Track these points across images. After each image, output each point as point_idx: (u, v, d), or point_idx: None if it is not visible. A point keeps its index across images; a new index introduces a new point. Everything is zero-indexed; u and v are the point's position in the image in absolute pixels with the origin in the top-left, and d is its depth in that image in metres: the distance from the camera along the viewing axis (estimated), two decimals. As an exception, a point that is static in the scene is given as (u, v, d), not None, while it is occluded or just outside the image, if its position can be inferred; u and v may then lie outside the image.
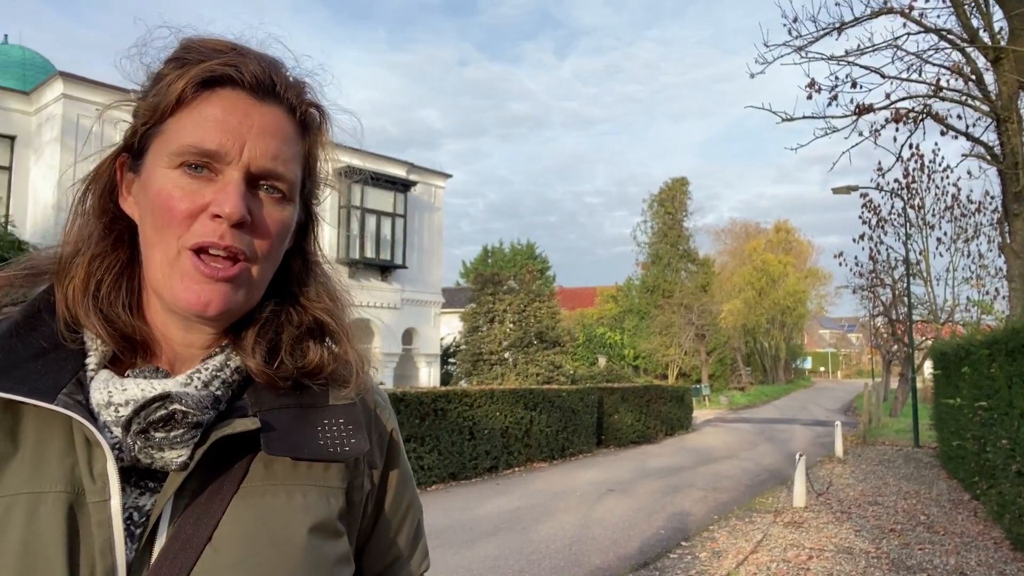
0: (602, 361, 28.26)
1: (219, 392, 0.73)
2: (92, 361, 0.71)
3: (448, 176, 21.32)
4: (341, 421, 0.78)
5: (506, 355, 20.57)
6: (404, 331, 19.61)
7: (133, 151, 0.74)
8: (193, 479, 0.68)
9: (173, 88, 0.70)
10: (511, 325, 20.93)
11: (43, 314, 0.73)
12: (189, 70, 0.70)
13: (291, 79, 0.76)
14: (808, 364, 58.56)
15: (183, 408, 0.67)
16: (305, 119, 0.78)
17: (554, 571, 6.06)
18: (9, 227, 12.73)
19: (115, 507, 0.64)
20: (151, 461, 0.67)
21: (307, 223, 0.85)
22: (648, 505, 8.92)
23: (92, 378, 0.70)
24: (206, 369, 0.73)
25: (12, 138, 14.60)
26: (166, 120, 0.71)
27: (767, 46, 10.06)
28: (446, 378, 22.45)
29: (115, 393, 0.68)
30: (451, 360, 23.54)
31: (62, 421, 0.67)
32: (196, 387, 0.71)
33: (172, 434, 0.67)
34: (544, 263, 43.60)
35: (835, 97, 9.52)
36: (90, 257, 0.74)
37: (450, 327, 25.22)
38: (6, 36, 17.91)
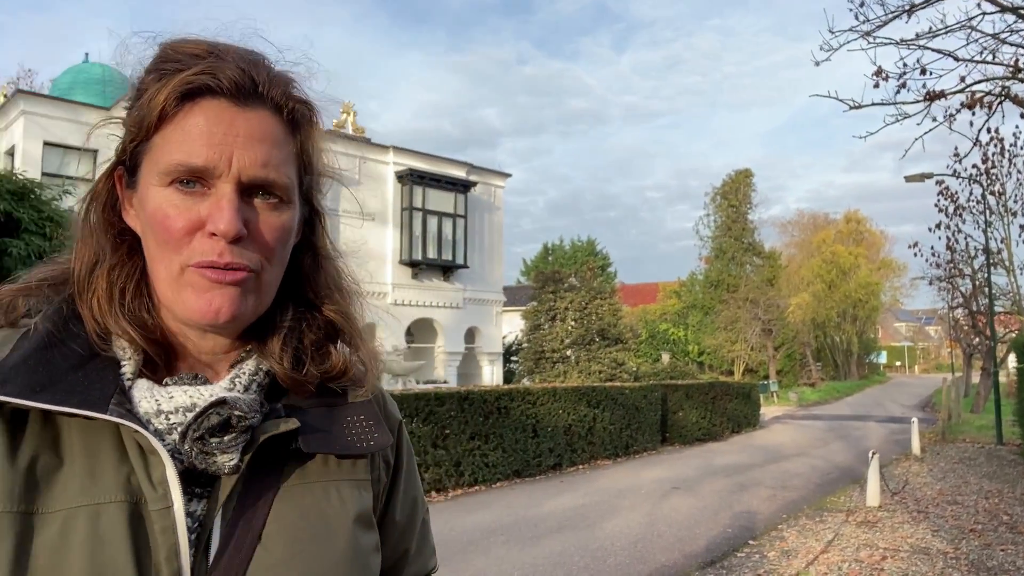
0: (665, 358, 27.94)
1: (256, 395, 0.75)
2: (128, 369, 0.71)
3: (507, 175, 21.46)
4: (362, 417, 0.80)
5: (568, 353, 20.58)
6: (467, 330, 19.85)
7: (127, 166, 0.74)
8: (237, 482, 0.70)
9: (154, 103, 0.69)
10: (572, 323, 20.93)
11: (71, 324, 0.72)
12: (168, 83, 0.69)
13: (274, 75, 0.74)
14: (883, 359, 56.31)
15: (239, 413, 0.69)
16: (293, 116, 0.75)
17: (619, 568, 6.08)
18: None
19: (179, 513, 0.65)
20: (205, 467, 0.68)
21: (312, 217, 0.83)
22: (714, 503, 8.82)
23: (130, 387, 0.70)
24: (244, 374, 0.75)
25: (95, 152, 15.40)
26: (152, 136, 0.70)
27: (832, 32, 9.77)
28: (509, 376, 22.62)
29: (162, 401, 0.69)
30: (513, 358, 23.70)
31: (110, 430, 0.67)
32: (239, 391, 0.73)
33: (227, 438, 0.69)
34: (605, 259, 43.36)
35: (904, 84, 9.18)
36: (108, 268, 0.74)
37: (512, 325, 25.38)
38: (87, 55, 18.96)
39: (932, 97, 8.66)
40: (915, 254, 20.03)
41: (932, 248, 20.63)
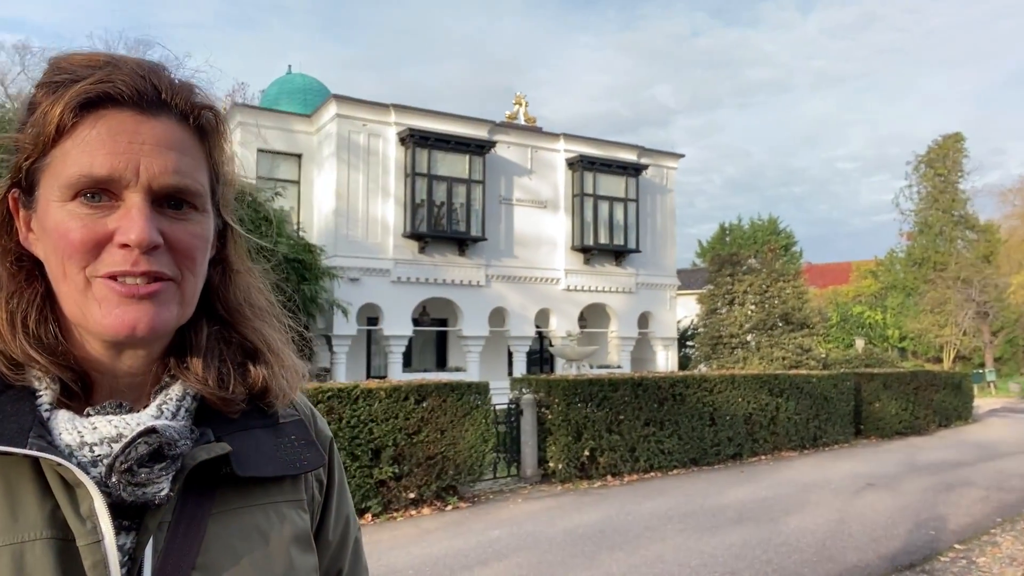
0: (859, 343, 25.84)
1: (185, 421, 0.72)
2: (45, 399, 0.67)
3: (680, 156, 20.89)
4: (293, 437, 0.79)
5: (748, 338, 19.72)
6: (640, 315, 19.67)
7: (22, 187, 0.69)
8: (168, 511, 0.68)
9: (50, 116, 0.65)
10: (752, 307, 19.99)
11: None
12: (63, 94, 0.65)
13: (176, 83, 0.70)
14: None
15: (169, 442, 0.66)
16: (200, 123, 0.72)
17: (804, 565, 5.81)
18: (300, 232, 15.00)
19: (110, 547, 0.62)
20: (134, 499, 0.65)
21: (224, 230, 0.79)
22: (915, 502, 8.11)
23: (49, 418, 0.67)
24: (171, 399, 0.72)
25: (299, 156, 17.11)
26: (49, 152, 0.66)
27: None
28: (684, 362, 22.11)
29: (85, 432, 0.66)
30: (689, 343, 23.11)
31: (30, 465, 0.64)
32: (167, 418, 0.70)
33: (157, 468, 0.66)
34: (789, 238, 40.80)
35: None
36: (7, 296, 0.70)
37: (687, 309, 24.73)
38: (289, 66, 20.97)
39: None
40: None
41: None
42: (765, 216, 42.92)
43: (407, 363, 17.09)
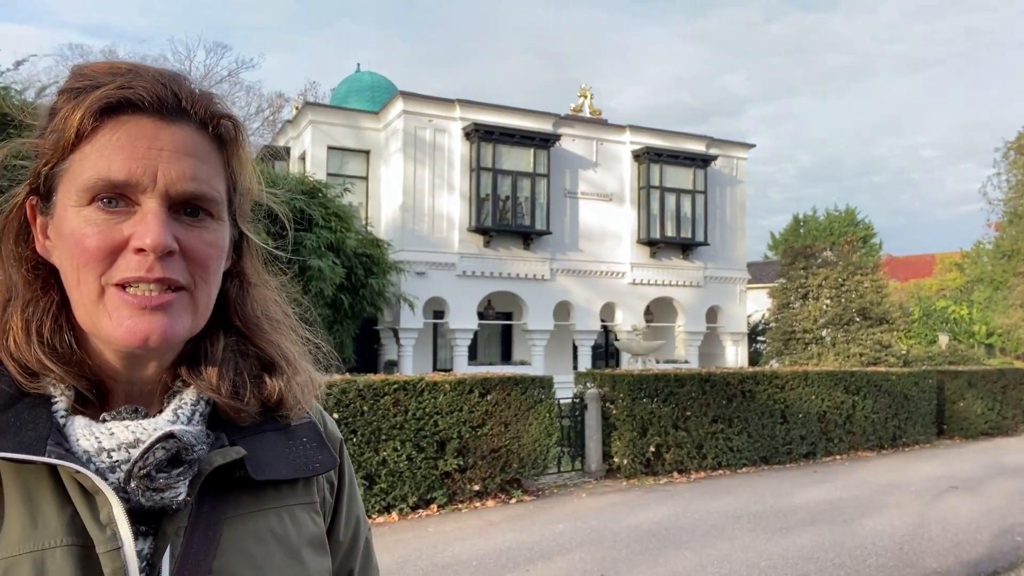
0: (943, 340, 24.61)
1: (200, 425, 0.72)
2: (61, 406, 0.68)
3: (750, 146, 20.35)
4: (305, 439, 0.80)
5: (823, 334, 19.05)
6: (708, 309, 19.28)
7: (40, 193, 0.70)
8: (185, 516, 0.68)
9: (70, 121, 0.66)
10: (828, 301, 19.30)
11: None
12: (84, 99, 0.66)
13: (196, 92, 0.71)
14: None
15: (187, 446, 0.67)
16: (219, 132, 0.72)
17: (880, 570, 5.58)
18: (368, 227, 15.31)
19: (129, 553, 0.63)
20: (151, 504, 0.65)
21: (240, 241, 0.79)
22: (1002, 507, 7.68)
23: (66, 424, 0.67)
24: (185, 404, 0.72)
25: (367, 152, 17.45)
26: (68, 156, 0.67)
27: None
28: (755, 357, 21.57)
29: (103, 438, 0.66)
30: (760, 338, 22.51)
31: (48, 472, 0.64)
32: (183, 423, 0.70)
33: (174, 473, 0.66)
34: (867, 229, 39.21)
35: None
36: (22, 304, 0.69)
37: (758, 303, 24.10)
38: (358, 65, 21.43)
39: None
40: None
41: None
42: (842, 207, 41.33)
43: (472, 356, 17.25)
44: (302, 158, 17.41)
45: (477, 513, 7.44)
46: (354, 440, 7.02)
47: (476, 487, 7.74)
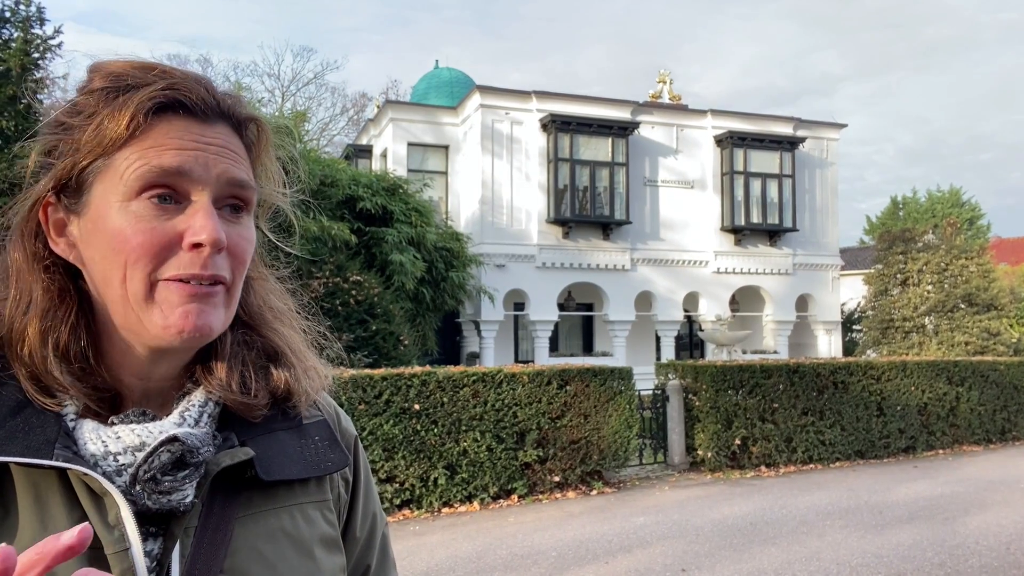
0: (1061, 326, 22.78)
1: (207, 427, 0.72)
2: (70, 410, 0.68)
3: (842, 126, 19.41)
4: (317, 438, 0.79)
5: (925, 322, 18.01)
6: (798, 297, 18.56)
7: (68, 190, 0.69)
8: (194, 516, 0.68)
9: (118, 119, 0.66)
10: (929, 287, 18.22)
11: (1, 367, 0.69)
12: (132, 97, 0.66)
13: (228, 94, 0.73)
14: None
15: (192, 449, 0.67)
16: (249, 134, 0.75)
17: (983, 570, 5.24)
18: (448, 221, 15.54)
19: (138, 555, 0.63)
20: (158, 506, 0.66)
21: None
22: None
23: (74, 427, 0.67)
24: (193, 406, 0.72)
25: (446, 147, 17.69)
26: (115, 153, 0.66)
27: None
28: (850, 347, 20.63)
29: (110, 442, 0.66)
30: (855, 327, 21.50)
31: (57, 475, 0.65)
32: (189, 425, 0.70)
33: (180, 476, 0.66)
34: (973, 211, 36.69)
35: None
36: (40, 313, 0.69)
37: (853, 291, 23.00)
38: (436, 61, 21.73)
39: None
40: None
41: None
42: (945, 187, 38.85)
43: (554, 347, 17.25)
44: (383, 155, 17.82)
45: (557, 504, 7.45)
46: (435, 430, 7.16)
47: (556, 478, 7.75)
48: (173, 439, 0.66)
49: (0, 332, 0.69)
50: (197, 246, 0.66)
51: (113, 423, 0.68)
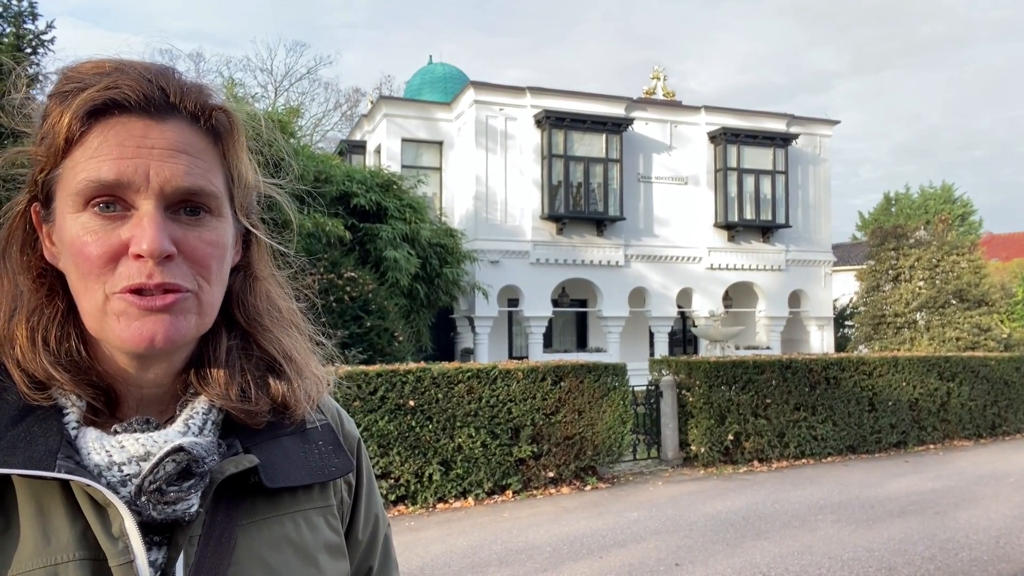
0: (1051, 322, 22.93)
1: (212, 435, 0.71)
2: (72, 418, 0.67)
3: (835, 123, 19.48)
4: (320, 443, 0.79)
5: (916, 317, 18.12)
6: (791, 293, 18.65)
7: (41, 200, 0.69)
8: (198, 525, 0.67)
9: (59, 127, 0.65)
10: (921, 283, 18.32)
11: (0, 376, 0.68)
12: (71, 103, 0.64)
13: (186, 85, 0.69)
14: None
15: (197, 459, 0.66)
16: (212, 125, 0.70)
17: (974, 564, 5.30)
18: (442, 217, 15.54)
19: (142, 567, 0.62)
20: (163, 516, 0.65)
21: (248, 236, 0.78)
22: (1118, 503, 7.14)
23: (77, 436, 0.66)
24: (197, 414, 0.71)
25: (440, 143, 17.67)
26: (61, 162, 0.66)
27: None
28: (842, 343, 20.73)
29: (114, 452, 0.65)
30: (847, 323, 21.61)
31: (59, 485, 0.64)
32: (194, 433, 0.69)
33: (185, 486, 0.66)
34: (965, 207, 36.92)
35: None
36: (27, 314, 0.68)
37: (845, 286, 23.12)
38: (431, 57, 21.66)
39: None
40: None
41: None
42: (938, 183, 39.07)
43: (548, 344, 17.28)
44: (377, 151, 17.78)
45: (552, 500, 7.49)
46: (430, 427, 7.18)
47: (551, 474, 7.78)
48: (179, 449, 0.65)
49: None
50: (140, 256, 0.64)
51: (116, 431, 0.67)
